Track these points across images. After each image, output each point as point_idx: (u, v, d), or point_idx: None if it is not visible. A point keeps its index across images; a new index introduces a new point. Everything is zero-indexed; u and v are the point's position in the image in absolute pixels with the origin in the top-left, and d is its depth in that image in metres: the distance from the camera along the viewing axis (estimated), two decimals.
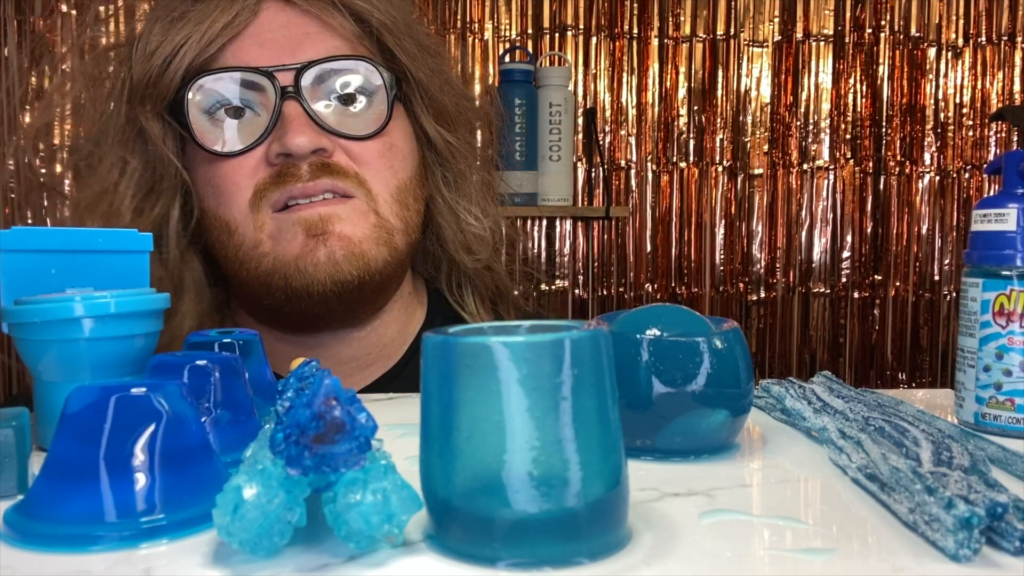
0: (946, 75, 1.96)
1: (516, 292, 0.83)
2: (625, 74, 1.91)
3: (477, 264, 0.76)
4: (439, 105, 0.73)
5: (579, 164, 1.91)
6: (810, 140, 1.95)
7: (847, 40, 1.94)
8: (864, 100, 1.95)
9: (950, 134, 1.96)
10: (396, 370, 0.74)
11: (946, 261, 1.98)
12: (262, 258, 0.65)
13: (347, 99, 0.67)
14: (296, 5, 0.67)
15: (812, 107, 1.94)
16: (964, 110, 1.96)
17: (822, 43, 1.94)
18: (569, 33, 1.89)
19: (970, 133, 1.97)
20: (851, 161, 1.95)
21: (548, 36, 1.89)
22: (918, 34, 1.95)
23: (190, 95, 0.64)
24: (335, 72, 0.66)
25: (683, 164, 1.93)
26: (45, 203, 1.65)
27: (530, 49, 1.87)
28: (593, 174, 1.91)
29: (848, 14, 1.94)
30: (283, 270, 0.64)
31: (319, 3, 0.67)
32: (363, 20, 0.69)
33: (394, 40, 0.70)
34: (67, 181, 0.75)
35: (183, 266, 0.69)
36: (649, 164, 1.92)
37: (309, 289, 0.64)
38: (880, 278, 1.98)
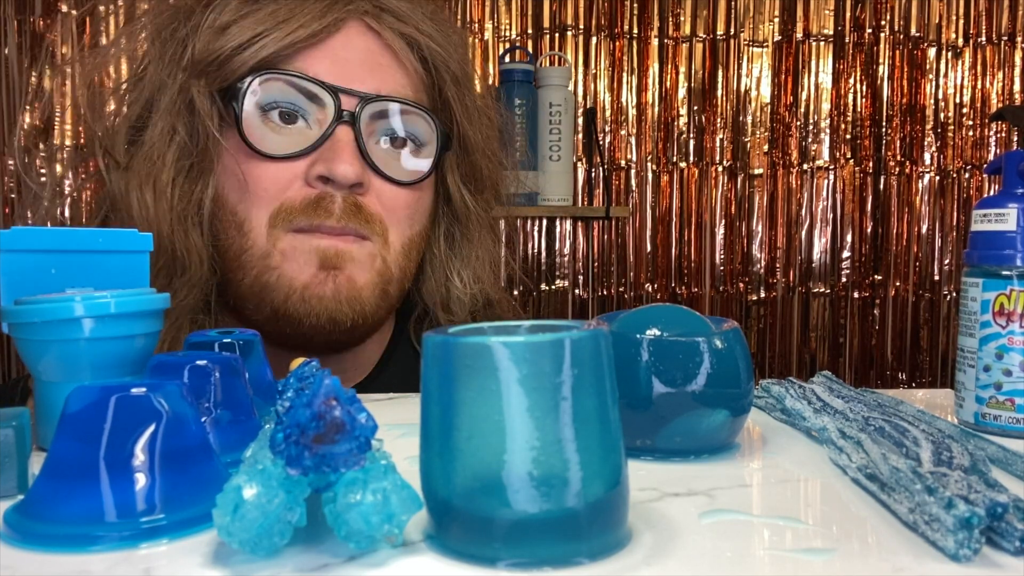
0: (946, 75, 1.96)
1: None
2: (625, 74, 1.91)
3: (449, 323, 0.75)
4: (473, 167, 0.73)
5: (579, 164, 1.91)
6: (810, 140, 1.95)
7: (847, 40, 1.94)
8: (864, 100, 1.95)
9: (950, 134, 1.96)
10: (367, 381, 0.74)
11: (946, 261, 1.98)
12: (268, 270, 0.64)
13: (398, 142, 0.67)
14: (378, 33, 0.67)
15: (812, 107, 1.94)
16: (964, 110, 1.96)
17: (822, 43, 1.94)
18: (569, 33, 1.89)
19: (970, 133, 1.97)
20: (851, 161, 1.95)
21: (548, 36, 1.89)
22: (918, 34, 1.95)
23: (251, 86, 0.63)
24: (396, 113, 0.66)
25: (683, 164, 1.93)
26: (45, 203, 1.65)
27: (530, 49, 1.87)
28: (593, 174, 1.91)
29: (848, 14, 1.94)
30: (287, 292, 0.63)
31: (400, 40, 0.67)
32: (434, 68, 0.69)
33: (456, 94, 0.70)
34: (68, 180, 0.73)
35: (203, 253, 0.66)
36: (649, 164, 1.92)
37: (304, 318, 0.64)
38: (880, 278, 1.98)
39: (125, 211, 0.64)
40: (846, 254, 1.96)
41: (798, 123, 1.94)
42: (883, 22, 1.94)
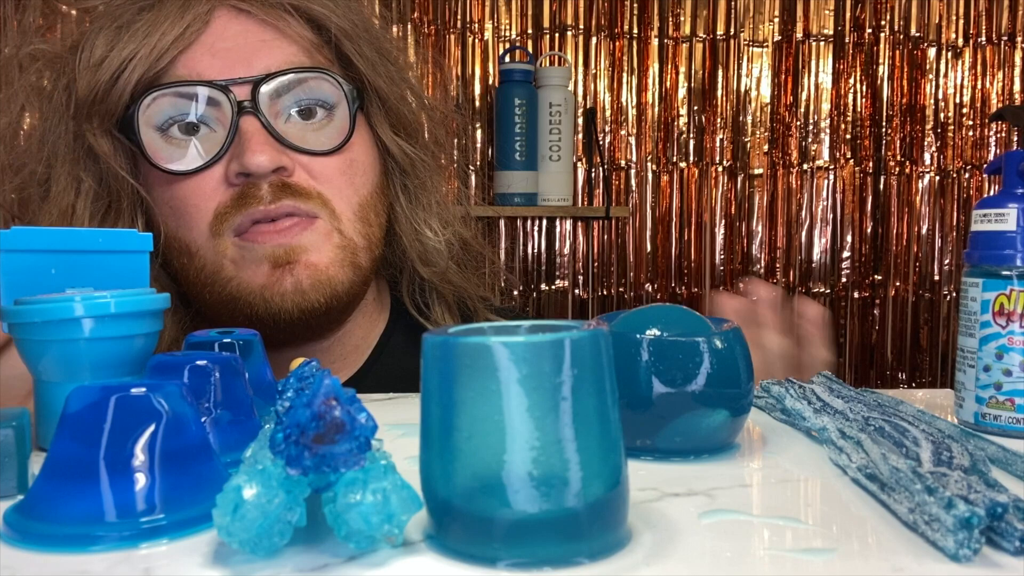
0: (946, 75, 1.96)
1: (487, 296, 0.79)
2: (625, 74, 1.91)
3: (433, 276, 0.74)
4: (398, 115, 0.70)
5: (579, 164, 1.91)
6: (810, 140, 1.95)
7: (847, 40, 1.94)
8: (864, 100, 1.95)
9: (950, 134, 1.97)
10: (359, 375, 0.73)
11: (946, 261, 1.99)
12: (226, 283, 0.63)
13: (307, 113, 0.65)
14: (249, 13, 0.64)
15: (812, 107, 1.95)
16: (964, 110, 1.96)
17: (822, 43, 1.94)
18: (569, 33, 1.89)
19: (970, 133, 1.97)
20: (851, 161, 1.95)
21: (548, 36, 1.89)
22: (918, 34, 1.95)
23: (140, 111, 0.61)
24: (294, 84, 0.63)
25: (683, 164, 1.93)
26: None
27: (530, 49, 1.87)
28: (593, 174, 1.91)
29: (848, 14, 1.94)
30: (247, 298, 0.63)
31: (274, 10, 0.64)
32: (320, 27, 0.66)
33: (353, 47, 0.67)
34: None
35: (156, 287, 0.66)
36: (649, 164, 1.92)
37: (275, 317, 0.63)
38: (880, 278, 1.98)
39: None
40: (846, 254, 1.96)
41: (798, 123, 1.94)
42: (883, 22, 1.95)
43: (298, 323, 0.64)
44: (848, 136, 1.95)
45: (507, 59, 1.83)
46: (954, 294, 1.99)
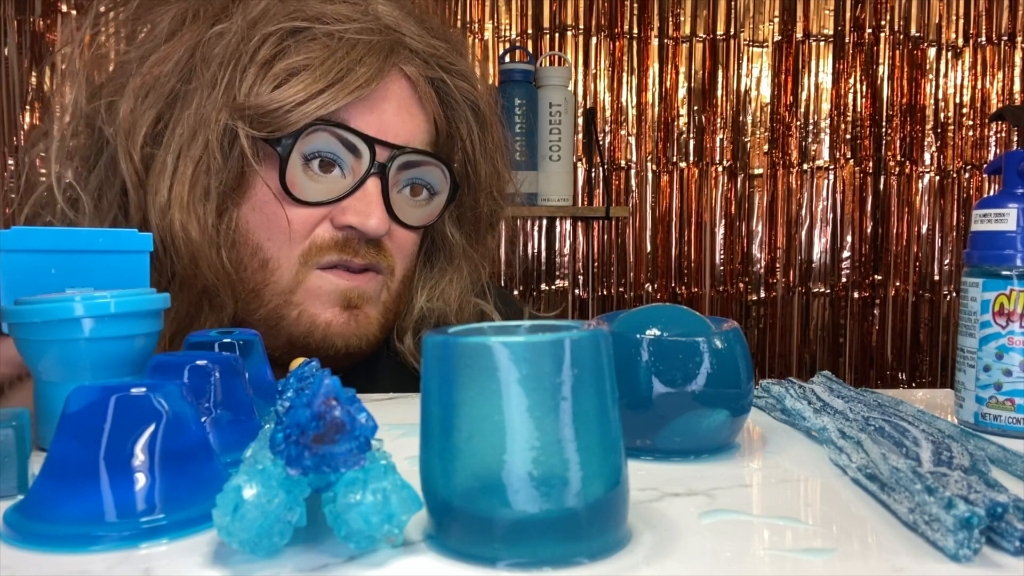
0: (946, 75, 1.96)
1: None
2: (625, 74, 1.91)
3: (402, 329, 0.76)
4: (475, 207, 0.75)
5: (579, 164, 1.91)
6: (810, 140, 1.95)
7: (847, 40, 1.94)
8: (864, 100, 1.95)
9: (950, 134, 1.96)
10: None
11: (946, 261, 1.99)
12: (290, 306, 0.65)
13: (415, 190, 0.70)
14: (412, 81, 0.68)
15: (812, 107, 1.94)
16: (964, 110, 1.96)
17: (822, 43, 1.94)
18: (569, 33, 1.89)
19: (970, 133, 1.97)
20: (851, 161, 1.95)
21: (548, 36, 1.89)
22: (918, 34, 1.95)
23: (300, 138, 0.63)
24: (419, 164, 0.68)
25: (683, 164, 1.93)
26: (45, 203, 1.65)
27: (530, 49, 1.87)
28: (593, 174, 1.91)
29: (848, 14, 1.94)
30: (308, 327, 0.66)
31: (430, 88, 0.69)
32: (455, 108, 0.71)
33: (480, 135, 0.72)
34: (67, 178, 0.70)
35: (235, 282, 0.66)
36: (649, 164, 1.92)
37: (322, 351, 0.66)
38: (880, 278, 1.98)
39: (161, 230, 0.62)
40: (846, 254, 1.96)
41: (798, 123, 1.94)
42: (883, 22, 1.95)
43: (334, 359, 0.67)
44: (848, 136, 1.95)
45: (507, 59, 1.83)
46: (954, 294, 1.99)
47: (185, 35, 0.65)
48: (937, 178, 1.97)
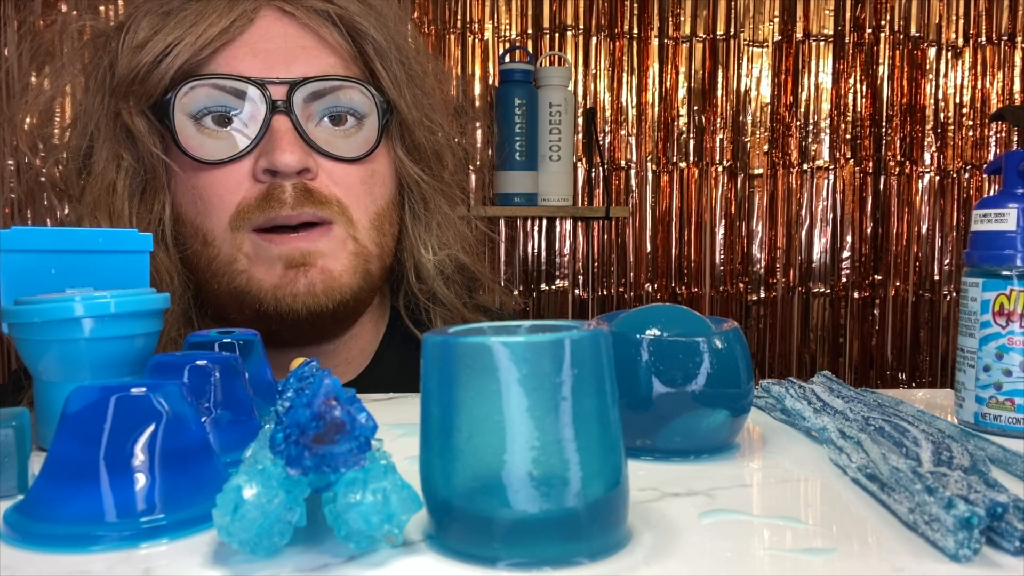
0: (946, 75, 1.96)
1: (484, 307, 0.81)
2: (625, 74, 1.91)
3: (422, 292, 0.75)
4: (413, 137, 0.72)
5: (579, 164, 1.91)
6: (810, 140, 1.95)
7: (847, 40, 1.94)
8: (864, 100, 1.95)
9: (950, 134, 1.96)
10: (356, 380, 0.73)
11: (946, 261, 1.99)
12: (237, 275, 0.64)
13: (337, 119, 0.66)
14: (294, 16, 0.66)
15: (812, 107, 1.94)
16: (964, 110, 1.96)
17: (822, 43, 1.94)
18: (569, 33, 1.89)
19: (970, 133, 1.97)
20: (851, 161, 1.95)
21: (548, 36, 1.89)
22: (918, 34, 1.95)
23: (177, 98, 0.62)
24: (329, 91, 0.65)
25: (683, 164, 1.93)
26: (46, 202, 1.65)
27: (530, 49, 1.87)
28: (593, 174, 1.91)
29: (848, 14, 1.94)
30: (257, 294, 0.64)
31: (317, 17, 0.66)
32: (358, 39, 0.68)
33: (383, 64, 0.68)
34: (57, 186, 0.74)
35: (172, 269, 0.66)
36: (649, 164, 1.92)
37: (283, 316, 0.64)
38: (880, 278, 1.98)
39: None
40: (846, 254, 1.96)
41: (798, 123, 1.94)
42: (883, 22, 1.94)
43: (304, 323, 0.65)
44: (848, 136, 1.95)
45: (507, 59, 1.83)
46: (954, 294, 1.99)
47: (70, 56, 0.69)
48: (937, 178, 1.97)
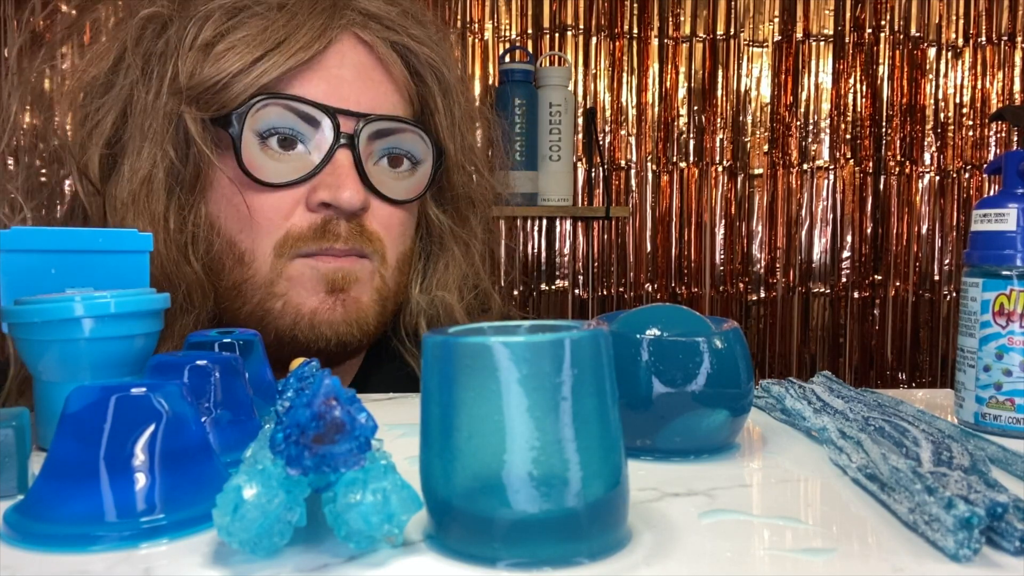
0: (946, 75, 1.96)
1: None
2: (625, 74, 1.91)
3: (405, 325, 0.73)
4: (450, 183, 0.72)
5: (579, 164, 1.91)
6: (810, 140, 1.95)
7: (847, 40, 1.94)
8: (864, 100, 1.95)
9: (950, 134, 1.96)
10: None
11: (946, 261, 1.98)
12: (273, 297, 0.62)
13: (394, 161, 0.66)
14: (370, 46, 0.64)
15: (812, 107, 1.94)
16: (964, 110, 1.96)
17: (822, 43, 1.94)
18: (569, 33, 1.89)
19: (970, 133, 1.97)
20: (851, 161, 1.95)
21: (548, 36, 1.89)
22: (918, 34, 1.95)
23: (249, 113, 0.60)
24: (393, 131, 0.65)
25: (683, 164, 1.93)
26: (46, 202, 1.65)
27: (530, 49, 1.87)
28: (593, 174, 1.91)
29: (848, 14, 1.94)
30: (294, 318, 0.63)
31: (391, 51, 0.65)
32: (422, 77, 0.67)
33: (444, 106, 0.68)
34: (68, 182, 0.69)
35: (193, 279, 0.63)
36: (649, 164, 1.92)
37: (312, 343, 0.63)
38: (880, 278, 1.98)
39: None
40: (846, 254, 1.96)
41: (798, 123, 1.94)
42: (883, 22, 1.94)
43: (323, 352, 0.64)
44: (848, 136, 1.95)
45: (507, 59, 1.83)
46: (954, 294, 1.99)
47: (120, 32, 0.64)
48: (937, 178, 1.97)
